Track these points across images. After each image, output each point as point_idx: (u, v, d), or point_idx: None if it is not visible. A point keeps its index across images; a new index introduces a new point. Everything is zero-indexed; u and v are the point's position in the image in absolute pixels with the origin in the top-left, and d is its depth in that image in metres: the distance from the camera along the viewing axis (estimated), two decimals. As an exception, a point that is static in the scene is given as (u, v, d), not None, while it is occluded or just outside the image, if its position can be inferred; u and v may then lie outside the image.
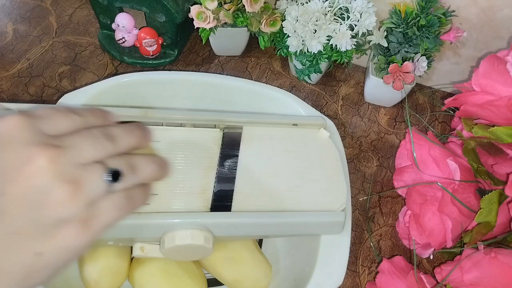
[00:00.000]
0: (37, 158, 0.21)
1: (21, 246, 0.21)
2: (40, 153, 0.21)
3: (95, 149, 0.24)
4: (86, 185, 0.22)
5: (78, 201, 0.22)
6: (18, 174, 0.21)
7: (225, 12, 0.51)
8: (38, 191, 0.21)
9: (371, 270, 0.45)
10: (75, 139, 0.23)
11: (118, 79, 0.44)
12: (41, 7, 0.65)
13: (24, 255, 0.21)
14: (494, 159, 0.43)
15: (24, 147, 0.21)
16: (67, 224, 0.22)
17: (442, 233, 0.42)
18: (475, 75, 0.43)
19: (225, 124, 0.38)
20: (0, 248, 0.21)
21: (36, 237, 0.21)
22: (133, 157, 0.26)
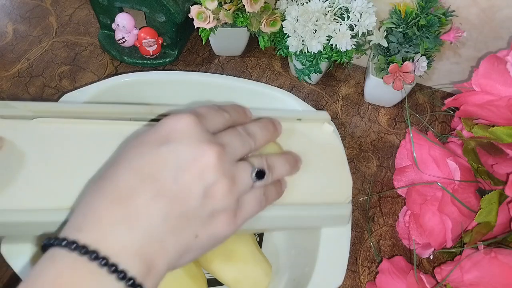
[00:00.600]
0: (208, 154, 0.25)
1: (186, 228, 0.24)
2: (210, 150, 0.25)
3: (243, 147, 0.28)
4: (239, 181, 0.26)
5: (233, 194, 0.26)
6: (192, 165, 0.24)
7: (225, 12, 0.51)
8: (205, 182, 0.25)
9: (371, 270, 0.45)
10: (229, 137, 0.27)
11: (118, 79, 0.44)
12: (41, 7, 0.65)
13: (186, 236, 0.25)
14: (494, 159, 0.43)
15: (197, 143, 0.25)
16: (221, 213, 0.25)
17: (442, 233, 0.42)
18: (475, 75, 0.43)
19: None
20: (169, 227, 0.24)
21: (197, 222, 0.25)
22: (271, 157, 0.29)
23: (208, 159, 0.25)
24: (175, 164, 0.24)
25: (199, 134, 0.25)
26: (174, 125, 0.26)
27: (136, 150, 0.25)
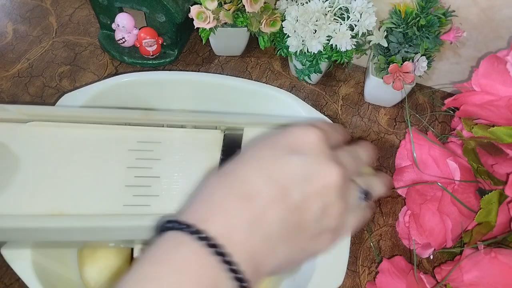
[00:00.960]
0: (334, 173, 0.25)
1: (298, 239, 0.25)
2: (335, 170, 0.25)
3: (353, 169, 0.28)
4: (350, 202, 0.27)
5: (344, 216, 0.26)
6: (318, 180, 0.25)
7: (225, 12, 0.51)
8: (326, 200, 0.25)
9: (371, 270, 0.45)
10: (345, 159, 0.27)
11: (118, 79, 0.44)
12: (41, 7, 0.65)
13: (297, 247, 0.25)
14: (494, 159, 0.43)
15: (325, 160, 0.25)
16: (328, 232, 0.26)
17: (442, 233, 0.42)
18: (475, 75, 0.43)
19: (226, 125, 0.38)
20: (284, 235, 0.24)
21: (308, 236, 0.25)
22: (370, 180, 0.30)
23: (333, 178, 0.25)
24: (303, 175, 0.25)
25: (327, 152, 0.26)
26: (304, 136, 0.26)
27: (266, 152, 0.26)
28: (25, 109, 0.34)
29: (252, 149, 0.26)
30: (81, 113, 0.36)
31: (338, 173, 0.25)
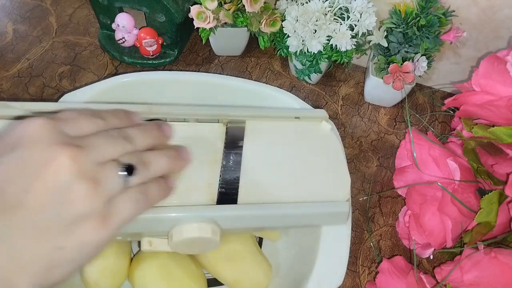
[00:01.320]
0: (59, 157, 0.22)
1: (43, 240, 0.22)
2: (61, 152, 0.22)
3: (113, 149, 0.25)
4: (104, 182, 0.24)
5: (97, 197, 0.23)
6: (42, 172, 0.22)
7: (225, 12, 0.51)
8: (60, 188, 0.22)
9: (371, 270, 0.45)
10: (94, 140, 0.25)
11: (118, 79, 0.44)
12: (41, 7, 0.65)
13: (46, 249, 0.22)
14: (494, 159, 0.43)
15: (47, 147, 0.23)
16: (86, 220, 0.23)
17: (442, 233, 0.42)
18: (475, 75, 0.43)
19: (228, 118, 0.38)
20: (23, 241, 0.22)
21: (57, 232, 0.22)
22: (145, 153, 0.27)
23: (60, 162, 0.22)
24: (22, 172, 0.22)
25: (51, 137, 0.23)
26: (22, 130, 0.23)
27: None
28: (28, 105, 0.34)
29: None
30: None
31: (64, 154, 0.23)
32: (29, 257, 0.22)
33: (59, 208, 0.22)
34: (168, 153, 0.29)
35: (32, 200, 0.22)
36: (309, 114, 0.40)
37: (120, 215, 0.25)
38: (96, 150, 0.24)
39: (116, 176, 0.25)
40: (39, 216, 0.22)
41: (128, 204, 0.25)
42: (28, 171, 0.22)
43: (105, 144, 0.25)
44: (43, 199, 0.22)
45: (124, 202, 0.25)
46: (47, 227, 0.22)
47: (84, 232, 0.23)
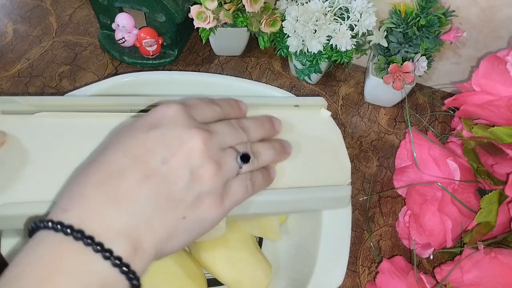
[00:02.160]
0: (195, 138, 0.26)
1: (173, 209, 0.25)
2: (197, 135, 0.26)
3: (232, 137, 0.29)
4: (224, 165, 0.27)
5: (219, 178, 0.26)
6: (178, 149, 0.25)
7: (225, 12, 0.51)
8: (192, 165, 0.25)
9: (371, 270, 0.45)
10: (219, 127, 0.28)
11: (118, 79, 0.44)
12: (41, 7, 0.65)
13: (173, 217, 0.25)
14: (494, 159, 0.43)
15: (184, 129, 0.26)
16: (208, 196, 0.26)
17: (442, 233, 0.42)
18: (475, 75, 0.43)
19: None
20: (156, 208, 0.24)
21: (185, 204, 0.25)
22: (256, 144, 0.30)
23: (195, 143, 0.26)
24: (163, 147, 0.25)
25: (186, 121, 0.26)
26: (163, 112, 0.27)
27: (125, 134, 0.26)
28: (32, 100, 0.34)
29: (113, 135, 0.27)
30: (87, 102, 0.36)
31: (199, 138, 0.26)
32: (158, 223, 0.24)
33: (190, 183, 0.25)
34: (275, 145, 0.32)
35: (168, 172, 0.25)
36: (308, 102, 0.40)
37: (233, 197, 0.28)
38: (220, 136, 0.27)
39: (234, 162, 0.28)
40: (172, 187, 0.25)
41: (240, 188, 0.28)
42: (167, 147, 0.25)
43: (227, 132, 0.28)
44: (177, 173, 0.25)
45: (237, 186, 0.28)
46: (177, 198, 0.25)
47: (205, 207, 0.26)
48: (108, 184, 0.24)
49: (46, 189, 0.30)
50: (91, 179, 0.24)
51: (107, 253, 0.22)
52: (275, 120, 0.34)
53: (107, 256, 0.22)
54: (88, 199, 0.23)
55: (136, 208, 0.24)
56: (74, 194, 0.24)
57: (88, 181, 0.24)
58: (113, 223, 0.23)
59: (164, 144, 0.25)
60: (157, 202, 0.24)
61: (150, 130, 0.26)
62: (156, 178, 0.24)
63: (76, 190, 0.24)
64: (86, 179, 0.24)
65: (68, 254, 0.22)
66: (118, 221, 0.23)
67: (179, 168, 0.25)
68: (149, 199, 0.24)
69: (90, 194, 0.23)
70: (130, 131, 0.26)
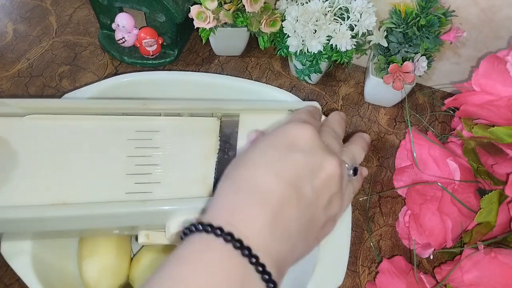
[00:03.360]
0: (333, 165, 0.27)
1: (312, 232, 0.26)
2: (333, 161, 0.27)
3: (339, 149, 0.30)
4: (344, 181, 0.28)
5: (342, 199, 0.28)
6: (321, 174, 0.26)
7: (225, 12, 0.51)
8: (331, 191, 0.27)
9: (371, 270, 0.45)
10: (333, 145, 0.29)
11: (118, 79, 0.44)
12: (41, 7, 0.65)
13: (311, 239, 0.26)
14: (494, 159, 0.43)
15: (324, 154, 0.27)
16: (332, 217, 0.28)
17: (442, 233, 0.42)
18: (475, 75, 0.43)
19: (222, 112, 0.38)
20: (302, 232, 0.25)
21: (318, 227, 0.26)
22: (352, 150, 0.32)
23: (334, 170, 0.27)
24: (309, 170, 0.26)
25: (322, 145, 0.28)
26: (299, 134, 0.27)
27: (270, 153, 0.26)
28: (23, 102, 0.34)
29: (254, 151, 0.27)
30: (78, 105, 0.36)
31: (336, 163, 0.27)
32: (300, 247, 0.25)
33: (326, 207, 0.26)
34: (364, 146, 0.33)
35: (314, 197, 0.26)
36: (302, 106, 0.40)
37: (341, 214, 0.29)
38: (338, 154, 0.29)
39: (347, 177, 0.29)
40: (315, 212, 0.26)
41: (349, 198, 0.30)
42: (313, 172, 0.26)
43: (337, 146, 0.30)
44: (321, 198, 0.26)
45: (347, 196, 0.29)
46: (315, 222, 0.26)
47: (328, 228, 0.28)
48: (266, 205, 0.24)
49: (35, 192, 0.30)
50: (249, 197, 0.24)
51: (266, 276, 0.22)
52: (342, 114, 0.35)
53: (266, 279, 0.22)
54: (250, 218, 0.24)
55: (288, 232, 0.24)
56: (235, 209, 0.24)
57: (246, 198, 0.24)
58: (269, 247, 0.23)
59: (309, 168, 0.26)
60: (303, 225, 0.25)
61: (295, 151, 0.26)
62: (304, 200, 0.25)
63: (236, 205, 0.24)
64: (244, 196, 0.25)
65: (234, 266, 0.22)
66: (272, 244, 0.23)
67: (322, 192, 0.26)
68: (297, 221, 0.25)
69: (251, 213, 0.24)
70: (274, 149, 0.27)
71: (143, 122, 0.36)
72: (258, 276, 0.22)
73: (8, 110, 0.34)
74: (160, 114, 0.37)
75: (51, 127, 0.34)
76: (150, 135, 0.36)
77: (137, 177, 0.33)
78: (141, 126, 0.36)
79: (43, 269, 0.34)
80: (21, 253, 0.33)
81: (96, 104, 0.36)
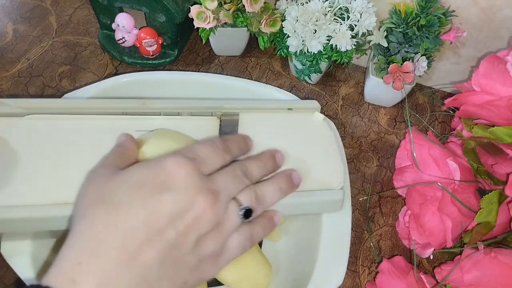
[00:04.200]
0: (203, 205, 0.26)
1: (178, 274, 0.25)
2: (206, 201, 0.26)
3: (237, 186, 0.28)
4: (227, 224, 0.27)
5: (221, 240, 0.27)
6: (188, 215, 0.25)
7: (225, 12, 0.51)
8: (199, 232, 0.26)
9: (371, 270, 0.45)
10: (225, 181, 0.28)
11: (118, 79, 0.44)
12: (41, 7, 0.65)
13: (178, 282, 0.26)
14: (494, 159, 0.43)
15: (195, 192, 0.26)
16: (208, 259, 0.27)
17: (442, 233, 0.42)
18: (475, 75, 0.43)
19: (221, 111, 0.38)
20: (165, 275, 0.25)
21: (187, 269, 0.26)
22: (261, 187, 0.30)
23: (203, 210, 0.26)
24: (175, 212, 0.25)
25: (197, 183, 0.26)
26: (175, 171, 0.26)
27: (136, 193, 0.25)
28: (23, 102, 0.34)
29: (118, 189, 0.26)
30: (78, 105, 0.36)
31: (208, 203, 0.26)
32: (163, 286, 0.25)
33: (194, 249, 0.26)
34: (281, 185, 0.31)
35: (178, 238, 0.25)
36: (301, 105, 0.40)
37: (230, 255, 0.28)
38: (226, 192, 0.27)
39: (237, 218, 0.28)
40: (179, 254, 0.25)
41: (239, 246, 0.28)
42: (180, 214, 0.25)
43: (233, 184, 0.28)
44: (187, 239, 0.25)
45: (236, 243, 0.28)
46: (182, 264, 0.25)
47: (204, 270, 0.27)
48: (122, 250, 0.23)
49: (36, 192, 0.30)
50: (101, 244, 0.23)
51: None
52: (277, 154, 0.33)
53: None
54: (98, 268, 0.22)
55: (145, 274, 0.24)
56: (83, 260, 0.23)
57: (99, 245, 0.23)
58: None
59: (176, 209, 0.25)
60: (164, 268, 0.24)
61: (163, 192, 0.25)
62: (166, 243, 0.24)
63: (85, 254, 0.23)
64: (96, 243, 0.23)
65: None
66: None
67: (188, 234, 0.25)
68: (157, 264, 0.24)
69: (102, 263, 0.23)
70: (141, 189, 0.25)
71: (143, 122, 0.36)
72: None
73: (8, 110, 0.34)
74: (160, 113, 0.37)
75: (51, 127, 0.34)
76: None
77: None
78: (141, 125, 0.36)
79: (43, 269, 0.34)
80: (21, 253, 0.33)
81: (96, 103, 0.36)
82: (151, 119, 0.37)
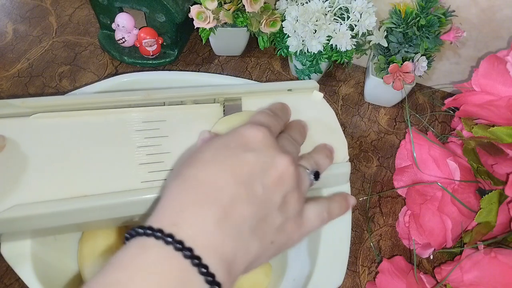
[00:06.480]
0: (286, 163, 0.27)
1: (266, 232, 0.25)
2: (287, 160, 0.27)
3: (296, 153, 0.31)
4: (302, 185, 0.28)
5: (301, 201, 0.28)
6: (274, 173, 0.26)
7: (225, 12, 0.51)
8: (284, 189, 0.26)
9: (371, 270, 0.45)
10: (289, 147, 0.30)
11: (118, 79, 0.44)
12: (41, 7, 0.65)
13: (266, 240, 0.26)
14: (494, 159, 0.43)
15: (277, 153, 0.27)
16: (291, 222, 0.27)
17: (442, 233, 0.42)
18: (475, 75, 0.43)
19: (224, 97, 0.38)
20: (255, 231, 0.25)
21: (274, 228, 0.26)
22: (315, 156, 0.32)
23: (287, 167, 0.27)
24: (260, 169, 0.26)
25: (274, 145, 0.28)
26: (253, 135, 0.28)
27: (221, 152, 0.27)
28: (28, 102, 0.34)
29: (205, 150, 0.27)
30: (83, 100, 0.36)
31: (289, 161, 0.27)
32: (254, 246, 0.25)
33: (280, 207, 0.26)
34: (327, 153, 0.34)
35: (267, 196, 0.25)
36: (301, 85, 0.41)
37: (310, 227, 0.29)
38: (293, 155, 0.29)
39: (308, 181, 0.29)
40: (268, 211, 0.25)
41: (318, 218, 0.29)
42: (265, 171, 0.26)
43: (294, 150, 0.30)
44: (274, 197, 0.26)
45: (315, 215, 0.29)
46: (269, 222, 0.26)
47: (288, 233, 0.27)
48: (214, 204, 0.24)
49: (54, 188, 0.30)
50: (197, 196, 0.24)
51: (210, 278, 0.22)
52: (304, 122, 0.35)
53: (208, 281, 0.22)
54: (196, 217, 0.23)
55: (238, 229, 0.24)
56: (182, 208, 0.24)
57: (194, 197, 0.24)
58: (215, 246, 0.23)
59: (260, 167, 0.26)
60: (255, 224, 0.25)
61: (245, 151, 0.26)
62: (255, 198, 0.25)
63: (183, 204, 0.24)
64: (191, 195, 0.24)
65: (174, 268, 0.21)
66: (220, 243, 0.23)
67: (274, 190, 0.26)
68: (248, 219, 0.24)
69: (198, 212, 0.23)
70: (226, 149, 0.27)
71: (149, 113, 0.37)
72: (202, 278, 0.21)
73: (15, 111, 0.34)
74: (164, 103, 0.38)
75: (59, 124, 0.34)
76: (157, 124, 0.36)
77: (150, 166, 0.33)
78: (147, 117, 0.36)
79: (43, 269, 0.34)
80: (21, 254, 0.33)
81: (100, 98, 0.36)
82: (157, 110, 0.37)
